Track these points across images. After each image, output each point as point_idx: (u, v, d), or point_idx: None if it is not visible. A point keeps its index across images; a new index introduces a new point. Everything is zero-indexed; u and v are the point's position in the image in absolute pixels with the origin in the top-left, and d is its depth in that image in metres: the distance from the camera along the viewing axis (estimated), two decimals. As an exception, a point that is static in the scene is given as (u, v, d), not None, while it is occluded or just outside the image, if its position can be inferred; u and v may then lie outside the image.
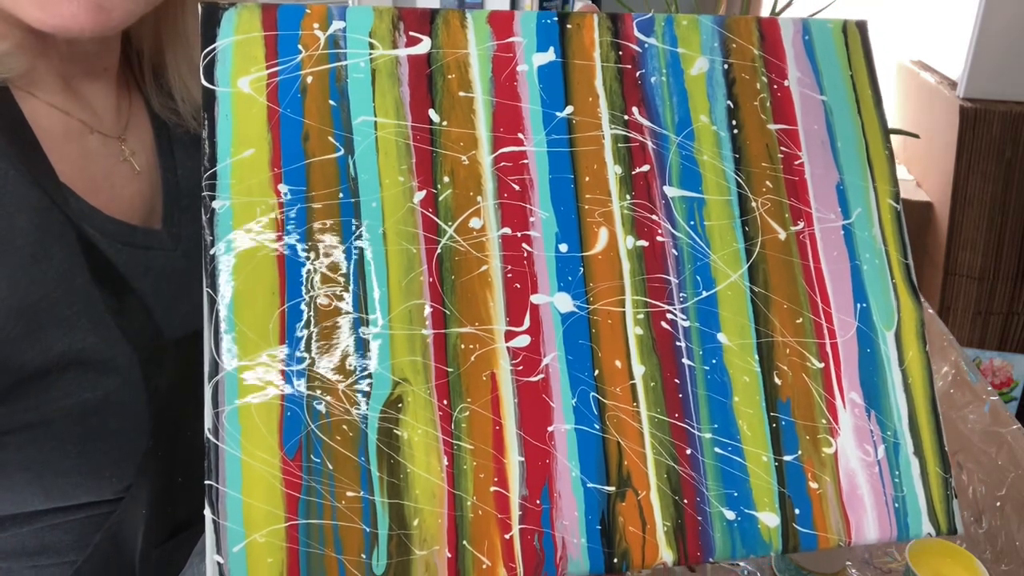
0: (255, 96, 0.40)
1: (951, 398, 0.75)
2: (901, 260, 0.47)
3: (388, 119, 0.41)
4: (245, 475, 0.36)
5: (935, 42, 2.21)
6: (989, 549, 0.67)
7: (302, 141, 0.40)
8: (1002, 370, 2.03)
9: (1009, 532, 0.64)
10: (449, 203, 0.40)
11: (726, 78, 0.46)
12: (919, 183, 2.22)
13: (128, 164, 0.60)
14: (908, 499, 0.43)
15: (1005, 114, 1.89)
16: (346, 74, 0.41)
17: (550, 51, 0.44)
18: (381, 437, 0.37)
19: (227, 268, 0.38)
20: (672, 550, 0.39)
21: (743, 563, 0.64)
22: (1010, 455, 0.65)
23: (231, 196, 0.38)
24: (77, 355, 0.51)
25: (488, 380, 0.39)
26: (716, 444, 0.41)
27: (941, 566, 0.57)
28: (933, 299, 2.05)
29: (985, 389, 0.71)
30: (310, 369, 0.37)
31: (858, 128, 0.48)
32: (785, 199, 0.45)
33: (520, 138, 0.42)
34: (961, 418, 0.73)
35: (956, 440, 0.73)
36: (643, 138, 0.44)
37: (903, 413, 0.44)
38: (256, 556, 0.35)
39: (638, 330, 0.41)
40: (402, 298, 0.39)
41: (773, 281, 0.44)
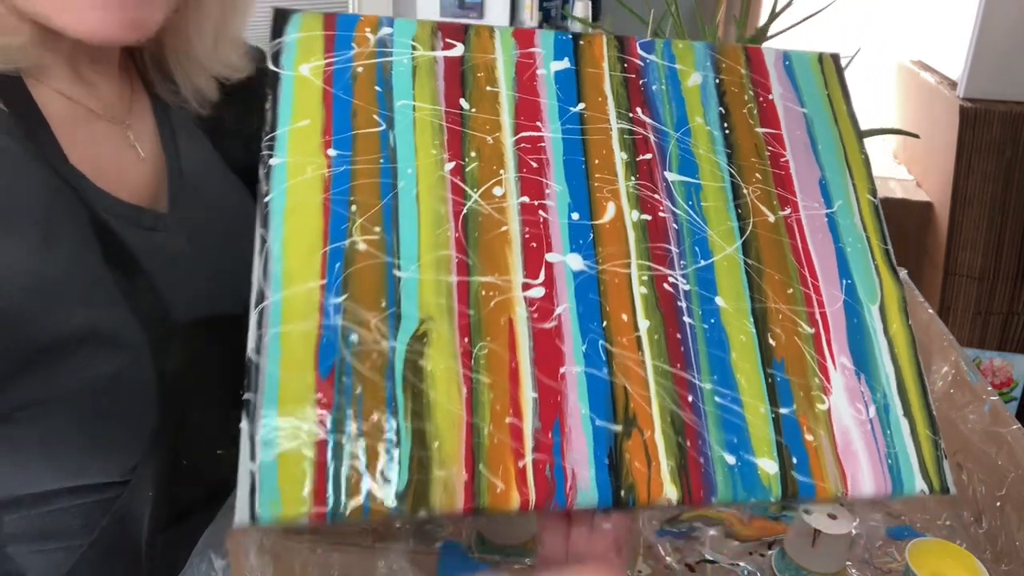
0: (313, 79, 0.46)
1: (951, 398, 0.75)
2: (881, 245, 0.53)
3: (425, 104, 0.47)
4: (281, 391, 0.38)
5: (935, 42, 2.21)
6: (989, 549, 0.66)
7: (350, 117, 0.46)
8: (1002, 370, 2.03)
9: (1009, 532, 0.64)
10: (475, 174, 0.46)
11: (718, 90, 0.53)
12: (919, 183, 2.22)
13: (133, 150, 0.62)
14: (900, 456, 0.45)
15: (1005, 114, 1.89)
16: (391, 68, 0.48)
17: (565, 60, 0.51)
18: (407, 367, 0.40)
19: (278, 213, 0.42)
20: (676, 487, 0.41)
21: (743, 563, 0.64)
22: (1010, 455, 0.65)
23: (287, 156, 0.44)
24: (91, 331, 0.52)
25: (506, 324, 0.42)
26: (716, 394, 0.44)
27: (941, 566, 0.57)
28: (933, 299, 2.05)
29: (985, 389, 0.71)
30: (346, 303, 0.41)
31: (836, 135, 0.54)
32: (773, 189, 0.51)
33: (538, 126, 0.49)
34: (961, 418, 0.73)
35: (956, 440, 0.73)
36: (646, 132, 0.50)
37: (891, 378, 0.47)
38: (286, 465, 0.37)
39: (643, 289, 0.45)
40: (431, 248, 0.43)
41: (764, 256, 0.49)
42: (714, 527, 0.68)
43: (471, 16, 2.54)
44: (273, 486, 0.37)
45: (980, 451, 0.69)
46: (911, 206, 2.13)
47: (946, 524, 0.70)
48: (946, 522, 0.70)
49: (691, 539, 0.67)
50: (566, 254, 0.46)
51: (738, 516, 0.68)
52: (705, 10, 2.51)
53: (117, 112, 0.62)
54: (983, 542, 0.67)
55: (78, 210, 0.53)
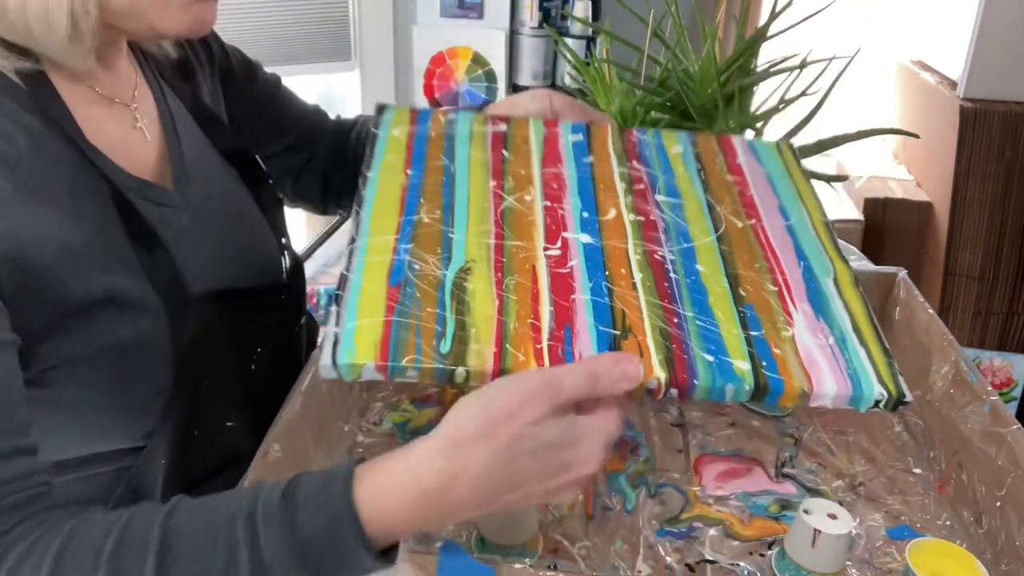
0: (400, 137, 0.69)
1: (951, 398, 0.75)
2: (832, 244, 0.64)
3: (477, 153, 0.68)
4: (362, 293, 0.52)
5: (935, 42, 2.21)
6: (989, 549, 0.66)
7: (424, 157, 0.66)
8: (1002, 370, 2.03)
9: (1009, 532, 0.64)
10: (511, 189, 0.64)
11: (695, 155, 0.72)
12: (919, 183, 2.22)
13: (139, 131, 0.67)
14: (859, 369, 0.52)
15: (1005, 114, 1.89)
16: (455, 134, 0.70)
17: (579, 134, 0.72)
18: (454, 285, 0.54)
19: (369, 200, 0.61)
20: (664, 371, 0.50)
21: (743, 563, 0.64)
22: (1010, 455, 0.65)
23: (378, 172, 0.64)
24: (114, 296, 0.57)
25: (530, 268, 0.56)
26: (696, 320, 0.54)
27: (941, 566, 0.57)
28: (933, 299, 2.05)
29: (985, 389, 0.71)
30: (412, 248, 0.57)
31: (791, 182, 0.70)
32: (741, 209, 0.66)
33: (558, 167, 0.67)
34: (961, 418, 0.73)
35: (956, 440, 0.73)
36: (640, 174, 0.68)
37: (847, 321, 0.56)
38: (361, 332, 0.49)
39: (637, 256, 0.59)
40: (476, 224, 0.60)
41: (735, 244, 0.62)
42: (714, 527, 0.68)
43: (471, 16, 2.54)
44: (350, 343, 0.49)
45: (980, 451, 0.69)
46: (911, 206, 2.12)
47: (946, 524, 0.70)
48: (946, 522, 0.70)
49: (691, 539, 0.67)
50: (578, 233, 0.61)
51: (738, 516, 0.69)
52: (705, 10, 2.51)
53: (125, 95, 0.67)
54: (983, 542, 0.67)
55: (99, 184, 0.59)
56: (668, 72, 1.22)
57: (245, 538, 0.46)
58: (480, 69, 2.59)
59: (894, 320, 0.89)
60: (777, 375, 0.51)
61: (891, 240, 2.17)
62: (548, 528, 0.67)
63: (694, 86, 1.20)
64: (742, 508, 0.69)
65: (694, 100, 1.17)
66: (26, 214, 0.53)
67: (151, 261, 0.60)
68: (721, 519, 0.68)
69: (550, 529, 0.66)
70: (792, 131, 1.18)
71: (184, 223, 0.66)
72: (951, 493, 0.73)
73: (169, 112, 0.71)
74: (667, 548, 0.66)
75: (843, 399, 0.51)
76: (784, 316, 0.56)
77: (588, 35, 2.42)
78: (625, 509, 0.69)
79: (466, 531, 0.66)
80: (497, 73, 2.58)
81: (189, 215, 0.67)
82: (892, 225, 2.17)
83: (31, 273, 0.53)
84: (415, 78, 2.62)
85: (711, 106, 1.17)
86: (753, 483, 0.73)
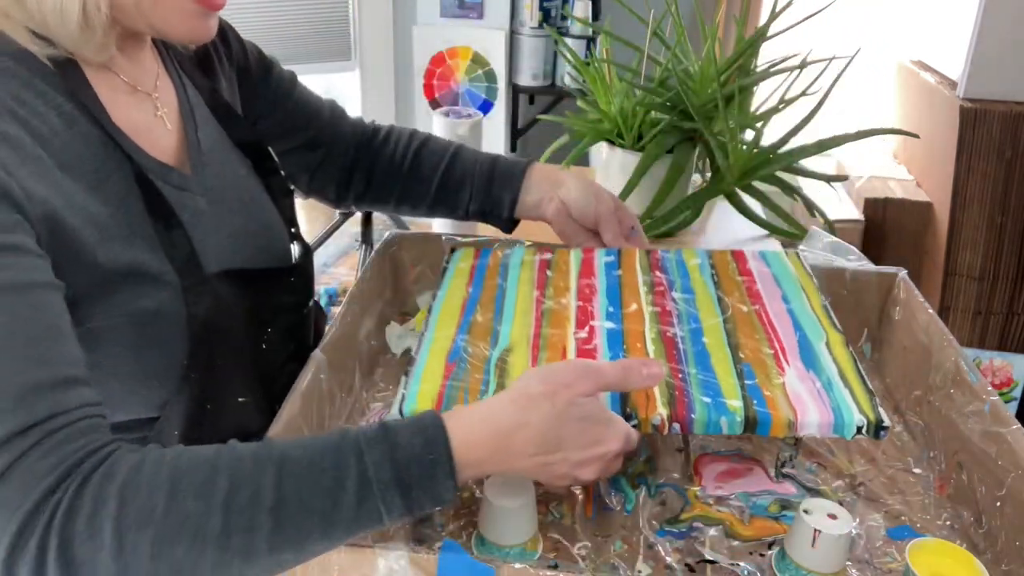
0: (465, 267, 0.85)
1: (951, 398, 0.75)
2: (829, 321, 0.73)
3: (526, 274, 0.83)
4: (426, 368, 0.69)
5: (935, 42, 2.21)
6: (989, 549, 0.66)
7: (483, 279, 0.83)
8: (1002, 370, 2.03)
9: (1009, 532, 0.64)
10: (551, 294, 0.79)
11: (710, 264, 0.84)
12: (919, 183, 2.22)
13: (160, 120, 0.71)
14: (841, 404, 0.61)
15: (1005, 114, 1.89)
16: (509, 263, 0.86)
17: (612, 256, 0.85)
18: (497, 363, 0.69)
19: (438, 305, 0.79)
20: (666, 408, 0.62)
21: (743, 563, 0.64)
22: (1010, 455, 0.65)
23: (447, 290, 0.82)
24: (136, 268, 0.62)
25: (561, 348, 0.71)
26: (699, 375, 0.66)
27: (941, 566, 0.57)
28: (933, 299, 2.05)
29: (985, 389, 0.71)
30: (468, 337, 0.73)
31: (795, 279, 0.80)
32: (747, 298, 0.77)
33: (592, 279, 0.81)
34: (961, 418, 0.73)
35: (956, 440, 0.73)
36: (660, 280, 0.81)
37: (835, 372, 0.65)
38: (422, 393, 0.65)
39: (652, 335, 0.72)
40: (520, 320, 0.75)
41: (739, 323, 0.73)
42: (714, 527, 0.68)
43: (471, 16, 2.54)
44: (414, 400, 0.64)
45: (980, 451, 0.69)
46: (911, 206, 2.12)
47: (946, 524, 0.70)
48: (946, 522, 0.70)
49: (691, 539, 0.67)
50: (603, 322, 0.74)
51: (738, 516, 0.69)
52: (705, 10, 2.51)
53: (147, 86, 0.71)
54: (983, 542, 0.67)
55: (123, 163, 0.63)
56: (668, 72, 1.22)
57: (351, 457, 0.52)
58: (480, 69, 2.59)
59: (894, 320, 0.89)
60: (766, 409, 0.60)
61: (891, 240, 2.17)
62: (548, 528, 0.67)
63: (694, 86, 1.20)
64: (742, 508, 0.69)
65: (694, 100, 1.17)
66: (58, 184, 0.57)
67: (169, 239, 0.64)
68: (721, 519, 0.68)
69: (550, 529, 0.66)
70: (792, 131, 1.18)
71: (200, 207, 0.70)
72: (951, 493, 0.73)
73: (188, 103, 0.75)
74: (667, 548, 0.66)
75: (827, 427, 0.59)
76: (777, 370, 0.65)
77: (588, 35, 2.42)
78: (625, 509, 0.69)
79: (466, 531, 0.66)
80: (497, 73, 2.58)
81: (205, 200, 0.71)
82: (892, 225, 2.16)
83: (65, 237, 0.56)
84: (415, 78, 2.62)
85: (711, 106, 1.17)
86: (753, 483, 0.73)
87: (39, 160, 0.56)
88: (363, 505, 0.52)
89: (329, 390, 0.74)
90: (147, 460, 0.50)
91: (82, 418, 0.51)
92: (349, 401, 0.81)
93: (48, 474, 0.48)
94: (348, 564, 0.55)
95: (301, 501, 0.50)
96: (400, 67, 2.63)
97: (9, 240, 0.52)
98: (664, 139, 1.19)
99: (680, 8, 1.26)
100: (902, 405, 0.85)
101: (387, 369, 0.89)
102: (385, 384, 0.86)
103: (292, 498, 0.50)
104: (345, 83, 2.57)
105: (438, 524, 0.67)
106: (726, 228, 1.28)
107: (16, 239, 0.52)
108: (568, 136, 1.33)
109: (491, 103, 2.62)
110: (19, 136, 0.56)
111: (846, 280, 0.92)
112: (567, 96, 2.59)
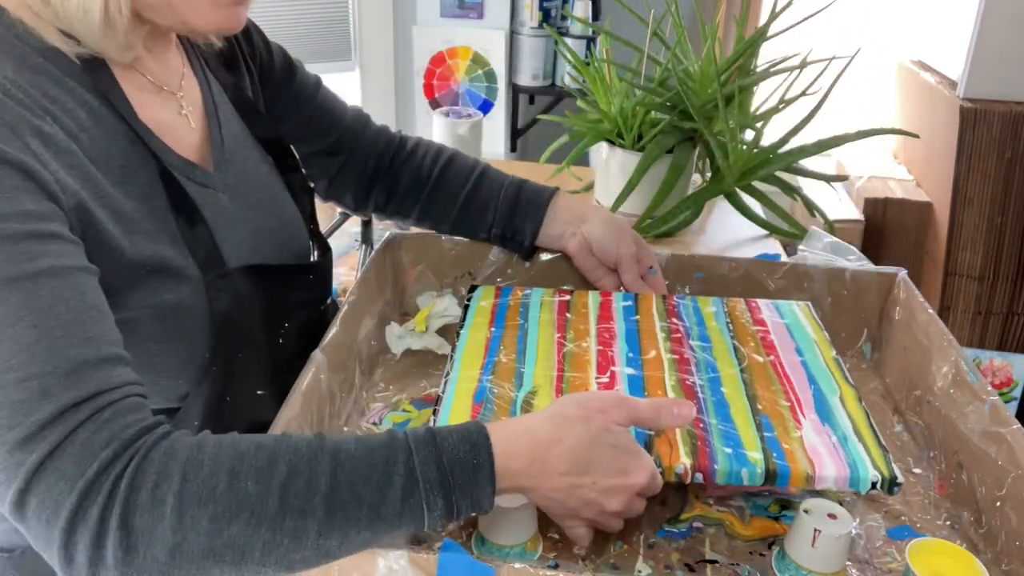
0: (486, 306, 0.86)
1: (951, 398, 0.75)
2: (841, 374, 0.75)
3: (546, 315, 0.84)
4: (452, 409, 0.70)
5: (935, 42, 2.21)
6: (989, 549, 0.66)
7: (504, 319, 0.84)
8: (1002, 370, 2.03)
9: (1009, 532, 0.64)
10: (572, 337, 0.80)
11: (725, 312, 0.85)
12: (919, 183, 2.22)
13: (185, 118, 0.72)
14: (856, 458, 0.63)
15: (1005, 114, 1.89)
16: (529, 304, 0.87)
17: (629, 301, 0.87)
18: (523, 404, 0.70)
19: (462, 345, 0.80)
20: (689, 458, 0.63)
21: (743, 563, 0.64)
22: (1010, 455, 0.65)
23: (469, 329, 0.82)
24: (160, 262, 0.63)
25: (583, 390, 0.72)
26: (719, 426, 0.67)
27: (941, 566, 0.57)
28: (933, 299, 2.05)
29: (985, 389, 0.71)
30: (492, 378, 0.74)
31: (808, 331, 0.82)
32: (762, 349, 0.79)
33: (611, 323, 0.83)
34: (961, 418, 0.73)
35: (956, 440, 0.73)
36: (677, 327, 0.82)
37: (849, 427, 0.67)
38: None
39: (672, 382, 0.73)
40: (543, 363, 0.76)
41: (755, 374, 0.75)
42: (714, 527, 0.68)
43: (471, 16, 2.54)
44: None
45: (980, 451, 0.69)
46: (911, 206, 2.12)
47: (946, 524, 0.70)
48: (946, 522, 0.70)
49: (691, 539, 0.67)
50: (624, 368, 0.75)
51: (738, 516, 0.68)
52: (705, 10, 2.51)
53: (172, 85, 0.72)
54: (983, 542, 0.67)
55: (148, 160, 0.65)
56: (668, 72, 1.22)
57: (400, 455, 0.54)
58: (480, 69, 2.59)
59: (894, 320, 0.89)
60: (785, 462, 0.62)
61: (891, 240, 2.17)
62: (548, 528, 0.67)
63: (694, 86, 1.20)
64: (742, 508, 0.69)
65: (694, 100, 1.17)
66: (88, 177, 0.59)
67: (192, 234, 0.66)
68: (721, 519, 0.68)
69: (550, 529, 0.66)
70: (792, 131, 1.18)
71: (222, 203, 0.72)
72: (951, 493, 0.73)
73: (212, 101, 0.76)
74: (667, 548, 0.66)
75: (843, 481, 0.61)
76: (794, 423, 0.67)
77: (588, 35, 2.42)
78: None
79: (466, 531, 0.66)
80: (497, 73, 2.58)
81: (227, 197, 0.73)
82: (892, 225, 2.17)
83: (94, 229, 0.58)
84: (415, 78, 2.62)
85: (711, 106, 1.17)
86: (753, 483, 0.73)
87: (71, 154, 0.58)
88: (407, 501, 0.53)
89: (329, 390, 0.74)
90: (207, 441, 0.52)
91: (128, 396, 0.53)
92: (349, 401, 0.81)
93: (104, 447, 0.50)
94: (348, 564, 0.55)
95: (353, 491, 0.52)
96: (400, 67, 2.62)
97: (48, 228, 0.54)
98: (664, 139, 1.19)
99: (680, 8, 1.26)
100: (902, 405, 0.85)
101: (387, 369, 0.89)
102: (385, 384, 0.86)
103: (344, 487, 0.52)
104: (345, 83, 2.57)
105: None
106: (726, 228, 1.28)
107: (54, 227, 0.54)
108: (568, 136, 1.33)
109: (491, 103, 2.62)
110: (52, 131, 0.57)
111: (846, 280, 0.92)
112: (567, 96, 2.59)
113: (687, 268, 0.94)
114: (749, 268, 0.93)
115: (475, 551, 0.63)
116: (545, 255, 0.95)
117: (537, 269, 0.96)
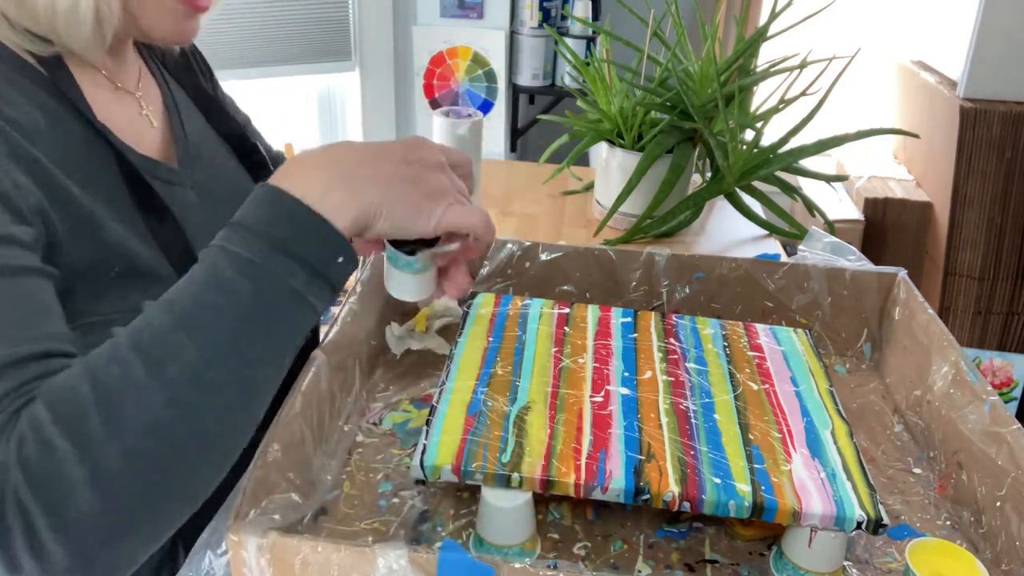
0: (485, 315, 0.85)
1: (951, 398, 0.75)
2: (834, 408, 0.74)
3: (544, 327, 0.83)
4: (446, 420, 0.68)
5: (935, 42, 2.21)
6: (989, 549, 0.66)
7: (503, 329, 0.82)
8: (1002, 370, 2.03)
9: (1009, 532, 0.64)
10: (569, 353, 0.79)
11: (723, 336, 0.84)
12: (919, 183, 2.22)
13: (145, 118, 0.72)
14: (843, 497, 0.62)
15: (1005, 114, 1.89)
16: (528, 314, 0.85)
17: (628, 318, 0.86)
18: (516, 419, 0.69)
19: (458, 354, 0.78)
20: (679, 487, 0.62)
21: (743, 563, 0.64)
22: (1010, 455, 0.65)
23: (467, 338, 0.81)
24: (130, 263, 0.62)
25: (577, 410, 0.70)
26: (710, 454, 0.66)
27: (941, 566, 0.57)
28: (933, 299, 2.05)
29: (985, 389, 0.71)
30: (487, 390, 0.72)
31: (804, 360, 0.81)
32: (757, 376, 0.78)
33: (608, 340, 0.82)
34: (961, 418, 0.73)
35: (956, 440, 0.73)
36: (674, 348, 0.81)
37: (839, 463, 0.66)
38: (443, 446, 0.65)
39: (665, 406, 0.72)
40: (539, 377, 0.75)
41: (749, 402, 0.74)
42: (714, 527, 0.68)
43: (471, 16, 2.54)
44: (434, 452, 0.64)
45: (980, 451, 0.69)
46: (911, 206, 2.13)
47: (946, 524, 0.70)
48: (946, 522, 0.70)
49: (691, 539, 0.67)
50: (618, 387, 0.74)
51: (738, 516, 0.68)
52: (705, 10, 2.51)
53: (130, 85, 0.72)
54: (983, 542, 0.67)
55: (110, 160, 0.64)
56: (668, 72, 1.22)
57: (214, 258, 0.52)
58: (480, 69, 2.59)
59: (894, 320, 0.89)
60: (773, 497, 0.62)
61: (891, 240, 2.17)
62: (548, 528, 0.67)
63: (694, 86, 1.20)
64: (742, 508, 0.69)
65: (694, 100, 1.17)
66: (50, 180, 0.58)
67: (162, 232, 0.65)
68: (721, 519, 0.68)
69: (550, 529, 0.66)
70: (792, 131, 1.18)
71: (191, 200, 0.71)
72: (951, 493, 0.73)
73: (173, 99, 0.76)
74: (667, 548, 0.66)
75: (829, 519, 0.61)
76: (785, 456, 0.67)
77: (588, 35, 2.42)
78: (625, 509, 0.69)
79: (466, 531, 0.66)
80: (497, 73, 2.58)
81: (195, 193, 0.72)
82: (892, 225, 2.17)
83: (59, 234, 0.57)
84: (415, 78, 2.62)
85: (711, 106, 1.17)
86: (753, 483, 0.73)
87: (30, 156, 0.57)
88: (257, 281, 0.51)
89: (329, 390, 0.74)
90: (56, 376, 0.49)
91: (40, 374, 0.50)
92: (349, 401, 0.81)
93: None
94: (347, 564, 0.55)
95: (198, 305, 0.50)
96: (400, 67, 2.62)
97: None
98: (664, 139, 1.19)
99: (680, 8, 1.26)
100: (902, 405, 0.85)
101: (387, 369, 0.89)
102: (385, 384, 0.86)
103: (190, 310, 0.50)
104: (345, 83, 2.57)
105: (438, 524, 0.67)
106: (726, 228, 1.28)
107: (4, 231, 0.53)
108: (568, 136, 1.33)
109: (491, 103, 2.62)
110: (9, 133, 0.56)
111: (846, 280, 0.92)
112: (567, 96, 2.59)
113: (687, 268, 0.94)
114: (749, 268, 0.93)
115: (473, 551, 0.63)
116: (545, 254, 0.95)
117: (537, 268, 0.96)
